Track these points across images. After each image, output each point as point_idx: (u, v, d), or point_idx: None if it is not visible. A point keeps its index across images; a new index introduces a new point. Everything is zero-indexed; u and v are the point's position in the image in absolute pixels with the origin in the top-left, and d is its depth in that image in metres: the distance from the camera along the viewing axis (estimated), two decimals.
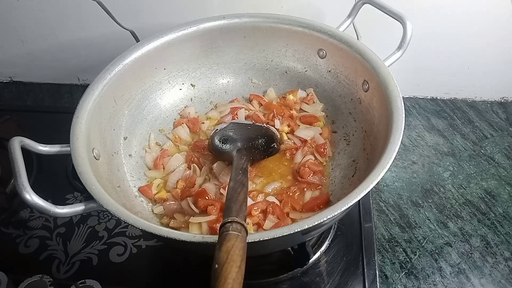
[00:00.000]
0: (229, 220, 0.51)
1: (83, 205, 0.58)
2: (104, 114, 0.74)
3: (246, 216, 0.56)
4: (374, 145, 0.71)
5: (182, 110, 0.87)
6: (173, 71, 0.86)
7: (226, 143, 0.78)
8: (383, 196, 0.86)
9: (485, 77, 0.99)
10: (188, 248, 0.68)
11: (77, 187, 0.87)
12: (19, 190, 0.54)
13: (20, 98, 1.13)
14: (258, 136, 0.78)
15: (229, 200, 0.58)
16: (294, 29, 0.82)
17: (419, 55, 0.90)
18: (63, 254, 0.78)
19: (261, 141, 0.78)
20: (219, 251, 0.47)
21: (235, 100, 0.89)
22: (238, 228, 0.50)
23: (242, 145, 0.76)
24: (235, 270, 0.45)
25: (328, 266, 0.74)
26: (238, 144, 0.76)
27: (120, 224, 0.81)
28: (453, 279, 0.73)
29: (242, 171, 0.67)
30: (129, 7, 0.95)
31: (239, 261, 0.46)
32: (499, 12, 0.88)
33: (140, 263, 0.77)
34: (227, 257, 0.46)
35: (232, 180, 0.64)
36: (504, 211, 0.82)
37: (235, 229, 0.50)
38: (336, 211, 0.53)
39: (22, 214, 0.85)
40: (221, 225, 0.52)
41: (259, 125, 0.81)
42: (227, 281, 0.44)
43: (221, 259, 0.46)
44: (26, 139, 0.61)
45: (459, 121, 0.99)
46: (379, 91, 0.69)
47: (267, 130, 0.80)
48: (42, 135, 0.66)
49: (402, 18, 0.71)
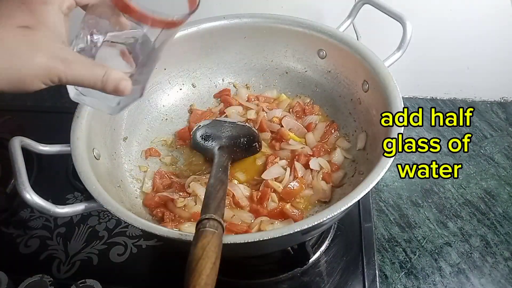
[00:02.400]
0: (207, 217, 0.52)
1: (83, 205, 0.58)
2: (105, 114, 0.74)
3: (223, 213, 0.56)
4: (374, 145, 0.72)
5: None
6: (173, 71, 0.86)
7: (208, 140, 0.78)
8: (383, 196, 0.86)
9: (485, 77, 0.99)
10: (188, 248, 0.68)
11: (77, 187, 0.87)
12: (19, 189, 0.54)
13: (20, 98, 1.13)
14: (241, 135, 0.79)
15: (207, 197, 0.58)
16: (294, 29, 0.82)
17: (419, 55, 0.90)
18: (63, 254, 0.78)
19: (243, 140, 0.78)
20: (194, 247, 0.48)
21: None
22: (215, 225, 0.51)
23: (224, 142, 0.77)
24: (210, 266, 0.46)
25: (328, 266, 0.74)
26: (220, 142, 0.77)
27: (120, 224, 0.81)
28: (452, 279, 0.74)
29: (222, 169, 0.67)
30: None
31: (213, 257, 0.47)
32: (499, 12, 0.88)
33: (140, 263, 0.77)
34: (202, 253, 0.47)
35: (212, 177, 0.64)
36: (504, 211, 0.82)
37: (212, 226, 0.50)
38: (336, 211, 0.53)
39: (22, 214, 0.85)
40: (198, 222, 0.52)
41: (241, 124, 0.81)
42: (201, 277, 0.45)
43: (196, 254, 0.47)
44: (26, 139, 0.61)
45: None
46: (379, 91, 0.69)
47: (249, 129, 0.80)
48: (42, 135, 0.66)
49: (402, 18, 0.71)
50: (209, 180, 0.64)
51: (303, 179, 0.74)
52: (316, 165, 0.75)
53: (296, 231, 0.52)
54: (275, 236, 0.52)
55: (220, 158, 0.71)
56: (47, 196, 0.56)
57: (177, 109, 0.87)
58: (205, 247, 0.47)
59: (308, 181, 0.74)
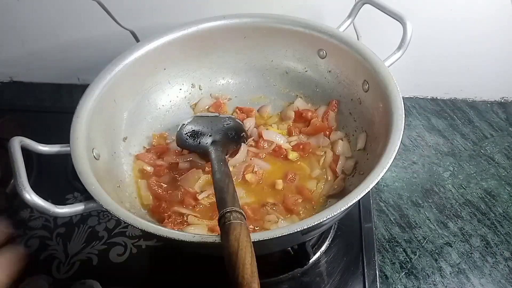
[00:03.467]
0: (228, 210, 0.52)
1: (83, 205, 0.58)
2: (104, 114, 0.74)
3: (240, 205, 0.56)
4: (374, 145, 0.71)
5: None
6: (173, 71, 0.86)
7: (197, 137, 0.79)
8: (383, 196, 0.86)
9: (485, 77, 0.99)
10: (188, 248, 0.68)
11: (77, 187, 0.87)
12: (19, 190, 0.54)
13: (20, 98, 1.13)
14: (228, 127, 0.81)
15: (220, 192, 0.58)
16: (294, 29, 0.82)
17: (419, 55, 0.90)
18: (63, 254, 0.78)
19: (231, 132, 0.80)
20: (228, 241, 0.48)
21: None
22: (239, 217, 0.51)
23: (216, 137, 0.78)
24: (249, 255, 0.47)
25: (328, 266, 0.74)
26: (212, 137, 0.78)
27: (120, 224, 0.81)
28: (453, 279, 0.74)
29: (223, 162, 0.68)
30: (129, 7, 0.95)
31: (249, 246, 0.48)
32: (499, 12, 0.88)
33: (140, 263, 0.77)
34: (238, 245, 0.47)
35: (217, 172, 0.65)
36: (504, 211, 0.82)
37: (236, 217, 0.51)
38: (336, 211, 0.53)
39: (22, 214, 0.85)
40: (220, 217, 0.52)
41: (224, 117, 0.83)
42: (245, 267, 0.46)
43: (233, 247, 0.47)
44: (26, 139, 0.61)
45: (459, 121, 0.99)
46: (379, 91, 0.69)
47: (233, 120, 0.82)
48: (42, 135, 0.66)
49: (402, 18, 0.71)
50: (214, 175, 0.64)
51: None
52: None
53: (296, 231, 0.52)
54: (275, 236, 0.51)
55: (217, 152, 0.72)
56: (46, 196, 0.56)
57: (177, 109, 0.87)
58: (238, 239, 0.48)
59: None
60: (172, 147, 0.81)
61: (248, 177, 0.75)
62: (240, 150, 0.79)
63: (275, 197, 0.74)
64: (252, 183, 0.75)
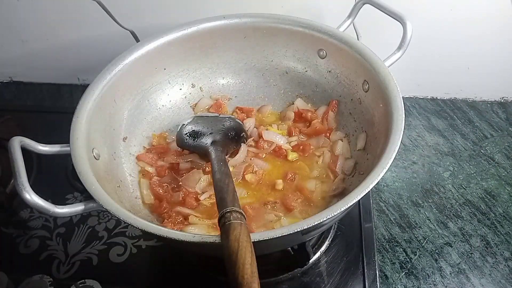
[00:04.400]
0: (228, 210, 0.52)
1: (83, 205, 0.58)
2: (104, 114, 0.74)
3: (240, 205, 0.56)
4: (374, 145, 0.71)
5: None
6: (173, 71, 0.86)
7: (197, 137, 0.79)
8: (383, 196, 0.86)
9: (485, 77, 0.99)
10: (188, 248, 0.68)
11: (77, 187, 0.87)
12: (19, 190, 0.54)
13: (20, 98, 1.13)
14: (228, 127, 0.80)
15: (220, 191, 0.58)
16: (294, 29, 0.82)
17: (419, 55, 0.90)
18: (63, 254, 0.78)
19: (232, 132, 0.80)
20: (228, 241, 0.48)
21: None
22: (238, 217, 0.52)
23: (216, 137, 0.78)
24: (249, 255, 0.47)
25: (328, 266, 0.74)
26: (212, 137, 0.78)
27: (120, 224, 0.81)
28: (453, 279, 0.73)
29: (223, 163, 0.68)
30: (129, 7, 0.95)
31: (249, 246, 0.48)
32: (499, 12, 0.88)
33: (140, 263, 0.77)
34: (238, 245, 0.48)
35: (217, 172, 0.65)
36: (504, 211, 0.82)
37: (236, 217, 0.51)
38: (336, 211, 0.53)
39: (22, 214, 0.85)
40: (220, 217, 0.52)
41: (224, 117, 0.83)
42: (245, 267, 0.46)
43: (232, 247, 0.48)
44: (26, 139, 0.61)
45: (459, 121, 0.99)
46: (379, 91, 0.69)
47: (233, 120, 0.82)
48: (42, 135, 0.66)
49: (402, 18, 0.71)
50: (214, 175, 0.64)
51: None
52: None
53: (296, 231, 0.52)
54: (275, 236, 0.51)
55: (217, 152, 0.72)
56: (46, 196, 0.56)
57: (177, 109, 0.87)
58: (238, 238, 0.48)
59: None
60: (172, 147, 0.81)
61: (248, 177, 0.75)
62: (240, 150, 0.79)
63: (275, 197, 0.74)
64: (252, 183, 0.75)
